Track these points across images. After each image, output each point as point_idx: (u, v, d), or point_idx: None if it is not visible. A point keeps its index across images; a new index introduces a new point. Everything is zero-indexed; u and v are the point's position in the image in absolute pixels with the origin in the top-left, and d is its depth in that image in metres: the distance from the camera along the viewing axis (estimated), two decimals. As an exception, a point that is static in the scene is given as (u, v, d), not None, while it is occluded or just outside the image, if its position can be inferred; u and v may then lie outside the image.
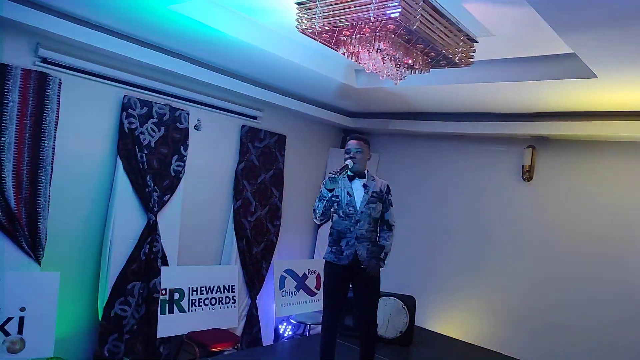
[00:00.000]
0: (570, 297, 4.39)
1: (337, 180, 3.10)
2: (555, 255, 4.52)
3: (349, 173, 3.25)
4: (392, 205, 3.34)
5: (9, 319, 3.17)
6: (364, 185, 3.25)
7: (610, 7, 2.07)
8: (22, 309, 3.23)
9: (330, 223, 3.37)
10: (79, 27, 3.29)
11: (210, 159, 4.58)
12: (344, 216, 3.22)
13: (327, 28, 2.55)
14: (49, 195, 3.40)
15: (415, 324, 4.55)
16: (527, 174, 4.69)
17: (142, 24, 3.26)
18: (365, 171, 3.31)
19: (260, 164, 4.93)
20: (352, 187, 3.25)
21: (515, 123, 4.42)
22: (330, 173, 3.08)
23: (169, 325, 4.02)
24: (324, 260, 3.32)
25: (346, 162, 3.20)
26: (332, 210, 3.27)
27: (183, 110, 4.21)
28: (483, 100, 4.16)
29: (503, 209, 4.90)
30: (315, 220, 3.28)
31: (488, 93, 3.85)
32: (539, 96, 3.73)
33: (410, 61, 2.72)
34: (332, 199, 3.22)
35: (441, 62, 2.85)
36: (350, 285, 3.30)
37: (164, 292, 4.05)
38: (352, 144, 3.29)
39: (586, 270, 4.32)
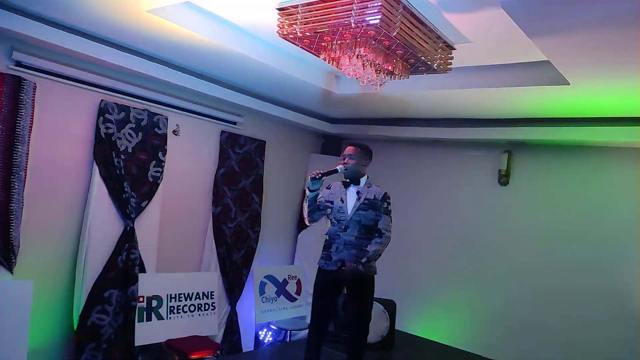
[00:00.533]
0: (547, 299, 4.48)
1: (319, 182, 3.10)
2: (532, 257, 4.62)
3: (346, 180, 3.28)
4: (387, 214, 3.26)
5: (-20, 330, 3.07)
6: (358, 192, 3.25)
7: (581, 15, 2.13)
8: (-6, 319, 3.13)
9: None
10: (55, 30, 3.22)
11: (189, 165, 4.53)
12: (335, 222, 3.24)
13: (308, 34, 2.56)
14: (23, 202, 3.32)
15: (396, 328, 4.57)
16: (504, 178, 4.79)
17: (120, 28, 3.21)
18: (364, 178, 3.31)
19: (240, 170, 4.90)
20: (346, 194, 3.26)
21: (492, 128, 4.52)
22: (311, 174, 3.09)
23: (147, 333, 3.95)
24: (318, 265, 3.32)
25: (336, 167, 3.22)
26: (325, 214, 3.32)
27: (161, 115, 4.17)
28: (461, 106, 4.24)
29: (481, 212, 4.99)
30: (305, 221, 3.31)
31: (466, 99, 3.92)
32: (515, 102, 3.82)
33: (390, 67, 2.75)
34: (327, 204, 3.26)
35: (420, 69, 2.89)
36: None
37: (141, 299, 3.97)
38: (347, 149, 3.32)
39: (563, 272, 4.42)
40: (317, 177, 3.09)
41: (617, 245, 4.17)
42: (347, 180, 3.30)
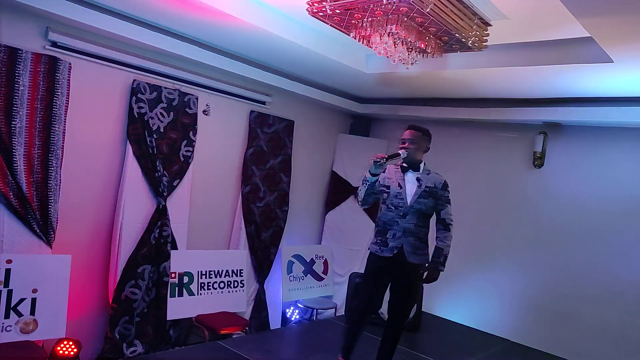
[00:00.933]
0: (580, 286, 4.37)
1: (382, 166, 2.97)
2: (566, 242, 4.49)
3: (402, 164, 3.14)
4: (449, 203, 3.17)
5: (22, 300, 3.22)
6: (418, 179, 3.12)
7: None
8: (35, 291, 3.27)
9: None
10: (88, 11, 3.26)
11: (219, 144, 4.57)
12: (392, 207, 3.09)
13: (338, 11, 2.52)
14: (60, 179, 3.42)
15: (423, 310, 4.56)
16: (539, 160, 4.64)
17: (151, 7, 3.23)
18: (422, 164, 3.18)
19: (268, 150, 4.92)
20: (404, 179, 3.12)
21: (527, 109, 4.37)
22: (375, 157, 2.94)
23: (178, 308, 4.07)
24: (369, 250, 3.21)
25: (398, 151, 3.07)
26: (380, 199, 3.18)
27: (192, 95, 4.20)
28: (496, 86, 4.10)
29: (513, 195, 4.87)
30: (358, 204, 3.24)
31: (501, 78, 3.79)
32: (553, 81, 3.67)
33: (422, 45, 2.68)
34: (382, 188, 3.12)
35: (454, 46, 2.81)
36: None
37: (173, 275, 4.08)
38: (406, 133, 3.15)
39: (598, 258, 4.29)
40: (382, 161, 2.93)
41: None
42: (405, 165, 3.14)
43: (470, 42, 2.72)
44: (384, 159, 2.94)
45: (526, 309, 4.65)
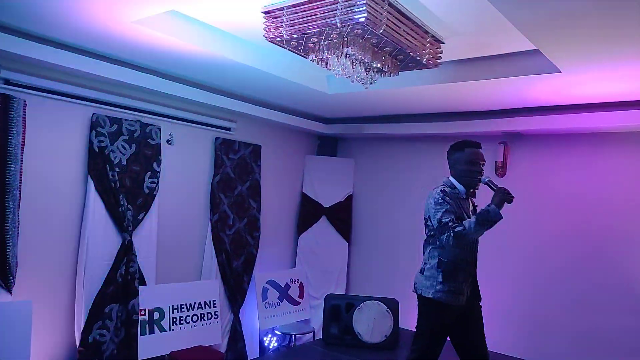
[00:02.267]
0: (550, 290, 4.46)
1: None
2: (533, 248, 4.60)
3: (467, 191, 2.89)
4: None
5: (-20, 352, 3.05)
6: (475, 206, 2.91)
7: (569, 2, 2.12)
8: (-6, 341, 3.10)
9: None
10: (41, 46, 3.19)
11: (184, 174, 4.51)
12: (466, 244, 2.76)
13: (295, 35, 2.55)
14: (18, 221, 3.28)
15: (400, 326, 4.55)
16: (501, 169, 4.77)
17: (108, 40, 3.19)
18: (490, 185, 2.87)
19: (236, 176, 4.88)
20: (468, 208, 2.85)
21: (487, 121, 4.50)
22: (508, 197, 2.65)
23: (150, 347, 3.93)
24: (432, 299, 2.79)
25: (487, 179, 2.85)
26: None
27: (154, 125, 4.14)
28: (454, 100, 4.22)
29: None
30: (453, 242, 2.66)
31: (457, 92, 3.91)
32: (508, 93, 3.80)
33: (379, 65, 2.73)
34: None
35: (410, 65, 2.87)
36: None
37: (143, 312, 3.94)
38: (481, 154, 2.86)
39: (565, 263, 4.40)
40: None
41: (622, 232, 4.14)
42: (472, 190, 2.88)
43: (424, 59, 2.80)
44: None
45: (500, 318, 4.69)
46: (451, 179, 2.95)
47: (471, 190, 2.91)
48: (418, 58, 2.76)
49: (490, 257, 4.82)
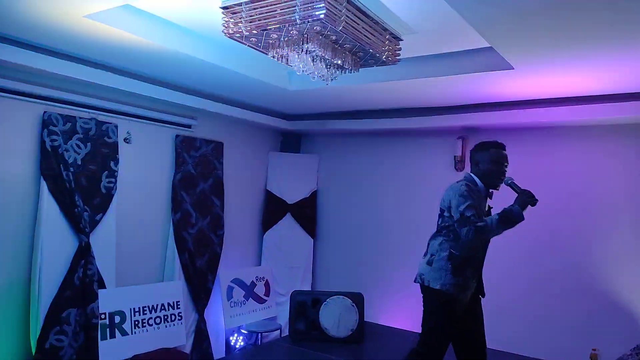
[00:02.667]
0: (509, 278, 4.61)
1: None
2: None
3: (488, 189, 2.92)
4: None
5: None
6: (490, 207, 2.95)
7: (520, 2, 2.19)
8: (-59, 352, 2.94)
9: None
10: (-15, 41, 3.04)
11: (144, 172, 4.40)
12: (481, 240, 2.82)
13: (254, 32, 2.52)
14: (-36, 225, 3.13)
15: (366, 320, 4.61)
16: (460, 163, 4.90)
17: (59, 35, 3.06)
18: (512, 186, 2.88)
19: (197, 174, 4.80)
20: (486, 205, 2.89)
21: (445, 116, 4.61)
22: (531, 200, 2.68)
23: (111, 351, 3.81)
24: (440, 291, 2.80)
25: (511, 181, 2.85)
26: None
27: (110, 123, 4.02)
28: (413, 96, 4.30)
29: (439, 199, 5.06)
30: (471, 236, 2.68)
31: (417, 89, 3.98)
32: (464, 89, 3.90)
33: (339, 61, 2.74)
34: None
35: (370, 61, 2.89)
36: None
37: (103, 316, 3.83)
38: (506, 155, 2.89)
39: (523, 250, 4.56)
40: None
41: (577, 221, 4.32)
42: (491, 191, 2.91)
43: (384, 56, 2.83)
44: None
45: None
46: (473, 175, 2.95)
47: (490, 190, 2.94)
48: (377, 55, 2.78)
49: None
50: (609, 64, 3.03)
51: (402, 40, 2.85)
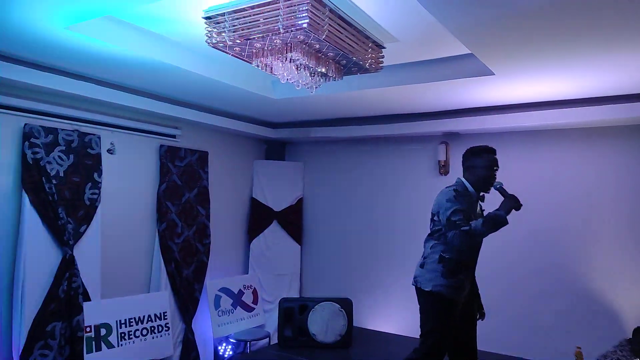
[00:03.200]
0: (492, 278, 4.67)
1: None
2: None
3: (479, 193, 3.01)
4: None
5: None
6: (482, 210, 3.04)
7: (500, 8, 2.25)
8: None
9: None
10: (-35, 53, 3.01)
11: (128, 183, 4.36)
12: (472, 244, 2.90)
13: (238, 41, 2.54)
14: (-56, 240, 3.06)
15: (354, 325, 4.63)
16: (443, 168, 4.96)
17: (40, 46, 3.04)
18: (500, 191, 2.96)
19: (183, 183, 4.78)
20: (476, 209, 2.97)
21: (427, 122, 4.68)
22: (516, 205, 2.78)
23: (98, 364, 3.77)
24: (436, 292, 2.87)
25: (499, 186, 2.93)
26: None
27: (93, 134, 3.98)
28: (396, 103, 4.35)
29: (424, 203, 5.11)
30: (459, 241, 2.76)
31: (399, 95, 4.04)
32: (446, 95, 3.97)
33: (323, 69, 2.78)
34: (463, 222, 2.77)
35: (353, 69, 2.94)
36: None
37: (88, 329, 3.78)
38: (496, 160, 2.98)
39: (504, 251, 4.63)
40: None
41: (560, 222, 4.40)
42: (482, 194, 3.00)
43: (367, 64, 2.87)
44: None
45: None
46: (464, 180, 3.03)
47: (481, 194, 3.01)
48: (361, 63, 2.82)
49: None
50: (587, 69, 3.12)
51: (384, 48, 2.90)
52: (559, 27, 2.44)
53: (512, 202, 2.80)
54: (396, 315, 5.18)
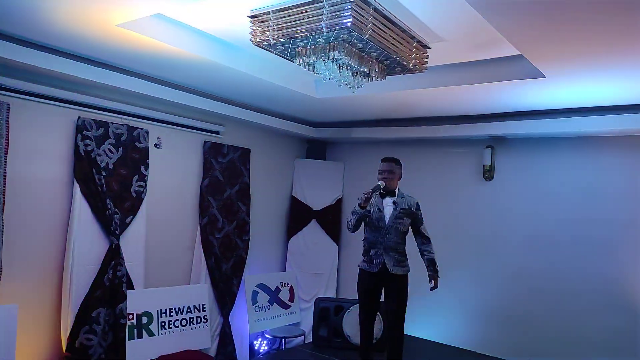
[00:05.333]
0: (538, 291, 4.49)
1: (369, 199, 3.45)
2: (520, 250, 4.64)
3: (381, 191, 3.60)
4: (423, 220, 3.74)
5: (-36, 358, 3.01)
6: (394, 202, 3.62)
7: (552, 10, 2.15)
8: (-22, 347, 3.06)
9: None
10: (26, 50, 3.17)
11: (173, 177, 4.49)
12: (374, 229, 3.60)
13: (281, 40, 2.56)
14: (3, 225, 3.25)
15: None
16: (488, 173, 4.81)
17: (92, 43, 3.18)
18: (397, 189, 3.68)
19: (225, 179, 4.87)
20: (382, 204, 3.62)
21: (473, 125, 4.54)
22: (364, 193, 3.42)
23: (138, 351, 3.90)
24: (359, 267, 3.71)
25: (378, 182, 3.57)
26: (364, 223, 3.65)
27: (141, 129, 4.13)
28: (441, 104, 4.25)
29: (467, 208, 5.00)
30: (349, 231, 3.67)
31: (444, 97, 3.94)
32: (493, 98, 3.84)
33: (366, 69, 2.75)
34: (365, 213, 3.57)
35: (396, 69, 2.89)
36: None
37: (131, 317, 3.92)
38: (384, 165, 3.67)
39: (550, 264, 4.44)
40: (369, 196, 3.43)
41: (607, 234, 4.19)
42: (383, 192, 3.62)
43: (411, 64, 2.82)
44: (370, 193, 3.44)
45: (488, 319, 4.73)
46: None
47: (382, 191, 3.65)
48: (404, 63, 2.77)
49: (478, 257, 4.88)
50: (645, 73, 2.93)
51: (429, 48, 2.83)
52: (616, 25, 2.29)
53: (360, 196, 3.48)
54: (433, 321, 5.07)
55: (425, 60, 2.87)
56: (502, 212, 4.79)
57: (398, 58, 2.70)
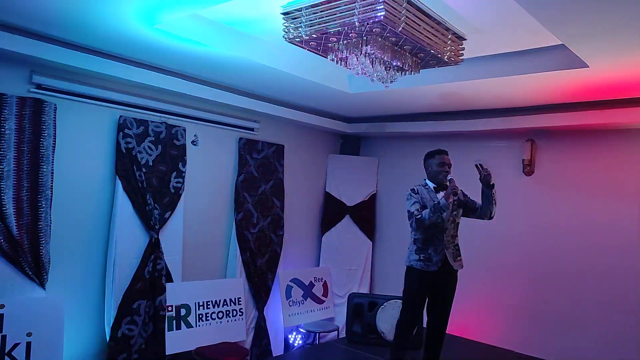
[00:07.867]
0: (574, 290, 4.34)
1: (457, 193, 3.39)
2: (559, 248, 4.48)
3: (434, 185, 3.54)
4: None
5: (16, 345, 3.18)
6: (465, 195, 3.56)
7: (599, 2, 2.06)
8: (29, 334, 3.23)
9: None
10: (70, 52, 3.32)
11: (209, 173, 4.59)
12: (431, 225, 3.38)
13: (314, 36, 2.56)
14: (50, 220, 3.42)
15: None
16: (528, 167, 4.66)
17: (131, 44, 3.28)
18: (448, 182, 3.50)
19: (259, 175, 4.93)
20: (437, 199, 3.44)
21: (512, 118, 4.40)
22: (453, 188, 3.31)
23: (177, 342, 4.02)
24: (410, 266, 3.50)
25: (450, 178, 3.44)
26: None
27: (179, 127, 4.23)
28: (477, 97, 4.15)
29: (505, 204, 4.85)
30: (415, 225, 3.42)
31: (481, 90, 3.84)
32: (533, 89, 3.72)
33: (399, 63, 2.71)
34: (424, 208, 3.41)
35: (430, 62, 2.84)
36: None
37: (170, 309, 4.04)
38: (446, 158, 3.55)
39: (590, 262, 4.27)
40: (457, 190, 3.36)
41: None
42: (437, 186, 3.53)
43: (446, 57, 2.76)
44: (458, 188, 3.37)
45: (525, 318, 4.60)
46: (425, 179, 3.64)
47: (437, 185, 3.55)
48: (439, 55, 2.72)
49: (517, 254, 4.75)
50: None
51: (465, 39, 2.76)
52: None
53: (449, 190, 3.31)
54: (467, 318, 4.97)
55: (460, 52, 2.81)
56: (542, 207, 4.63)
57: (432, 51, 2.66)
